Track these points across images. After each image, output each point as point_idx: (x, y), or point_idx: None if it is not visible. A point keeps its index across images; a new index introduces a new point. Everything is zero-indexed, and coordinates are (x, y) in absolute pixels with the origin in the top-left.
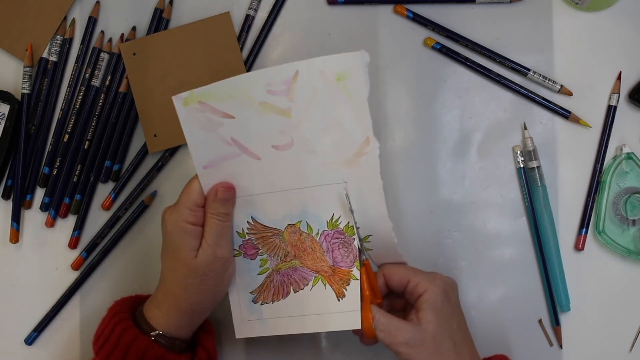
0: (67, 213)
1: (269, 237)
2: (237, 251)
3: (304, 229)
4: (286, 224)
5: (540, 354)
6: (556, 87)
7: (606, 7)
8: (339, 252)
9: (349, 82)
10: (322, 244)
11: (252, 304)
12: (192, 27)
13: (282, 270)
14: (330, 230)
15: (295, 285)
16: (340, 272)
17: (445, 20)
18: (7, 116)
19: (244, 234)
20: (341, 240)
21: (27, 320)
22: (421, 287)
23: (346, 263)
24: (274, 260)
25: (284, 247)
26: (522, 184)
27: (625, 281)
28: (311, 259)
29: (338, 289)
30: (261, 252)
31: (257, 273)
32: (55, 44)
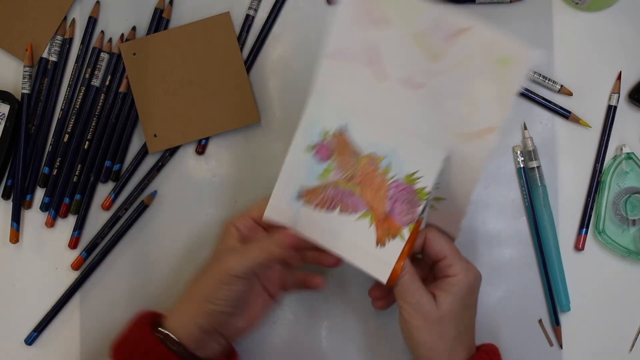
0: (67, 213)
1: (347, 153)
2: (310, 146)
3: (383, 166)
4: (369, 151)
5: (540, 354)
6: (556, 87)
7: (606, 7)
8: (401, 206)
9: (508, 69)
10: (390, 190)
11: (295, 198)
12: (192, 27)
13: (340, 188)
14: (404, 183)
15: (344, 207)
16: (391, 222)
17: None
18: (7, 116)
19: (327, 135)
20: (409, 197)
21: (27, 320)
22: (453, 270)
23: (401, 219)
24: (338, 174)
25: (355, 170)
26: (522, 184)
27: (625, 281)
28: (372, 194)
29: (381, 236)
30: (332, 161)
31: (316, 176)
32: (55, 44)
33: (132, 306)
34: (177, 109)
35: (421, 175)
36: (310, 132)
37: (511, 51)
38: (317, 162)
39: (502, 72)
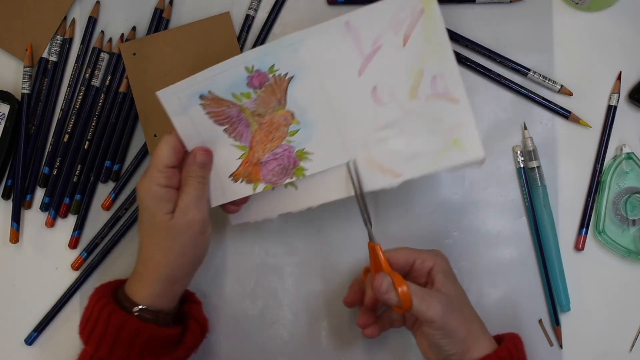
0: (67, 213)
1: (274, 96)
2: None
3: (292, 128)
4: (293, 109)
5: (540, 354)
6: (556, 87)
7: (606, 7)
8: (274, 166)
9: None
10: (279, 148)
11: (197, 96)
12: (192, 27)
13: (242, 115)
14: (294, 154)
15: (231, 129)
16: (257, 171)
17: (445, 20)
18: (7, 116)
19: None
20: (287, 166)
21: (27, 320)
22: (429, 261)
23: (266, 175)
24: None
25: (268, 112)
26: (522, 184)
27: (625, 281)
28: (262, 139)
29: (240, 172)
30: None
31: (232, 92)
32: (55, 44)
33: None
34: None
35: (313, 159)
36: (261, 60)
37: (469, 142)
38: (244, 83)
39: (450, 149)
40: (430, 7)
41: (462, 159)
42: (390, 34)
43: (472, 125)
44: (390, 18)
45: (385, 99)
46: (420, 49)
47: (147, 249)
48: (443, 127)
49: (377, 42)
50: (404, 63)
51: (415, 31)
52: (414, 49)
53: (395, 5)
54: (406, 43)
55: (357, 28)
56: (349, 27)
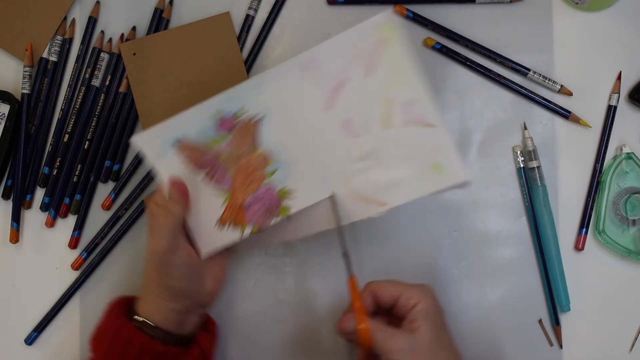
0: (67, 213)
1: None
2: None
3: (269, 169)
4: (267, 149)
5: (540, 354)
6: (556, 87)
7: (606, 7)
8: (258, 208)
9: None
10: (260, 189)
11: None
12: (192, 27)
13: (219, 159)
14: (276, 194)
15: (210, 175)
16: (242, 214)
17: (445, 20)
18: (7, 116)
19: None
20: (271, 206)
21: (27, 320)
22: (414, 298)
23: (251, 217)
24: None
25: (243, 155)
26: (522, 184)
27: (625, 281)
28: (242, 181)
29: (225, 218)
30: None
31: (204, 138)
32: (55, 44)
33: None
34: (177, 109)
35: (295, 196)
36: (228, 104)
37: (450, 166)
38: (214, 128)
39: (431, 174)
40: (393, 35)
41: (445, 183)
42: (354, 67)
43: (451, 148)
44: (350, 51)
45: (358, 131)
46: (387, 78)
47: (146, 266)
48: (421, 153)
49: (340, 75)
50: (373, 93)
51: (379, 60)
52: (381, 78)
53: (354, 38)
54: (372, 73)
55: (316, 65)
56: (305, 66)
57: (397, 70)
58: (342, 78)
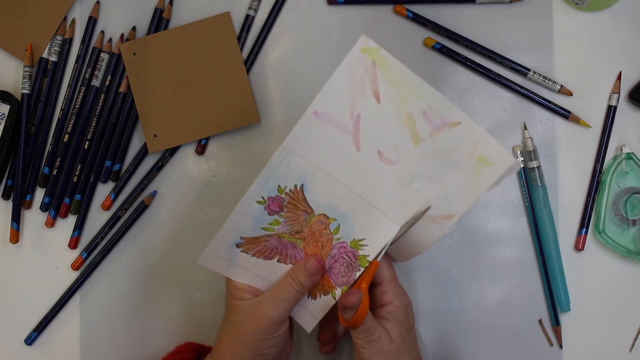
0: (67, 213)
1: (299, 209)
2: (263, 200)
3: (332, 227)
4: (322, 212)
5: (540, 354)
6: (556, 87)
7: (606, 7)
8: (340, 267)
9: (486, 168)
10: (334, 250)
11: (234, 246)
12: (192, 27)
13: (284, 240)
14: (349, 246)
15: (283, 257)
16: (327, 280)
17: (445, 20)
18: (7, 116)
19: (282, 191)
20: (350, 261)
21: (27, 320)
22: (388, 297)
23: (337, 279)
24: (285, 228)
25: (303, 226)
26: (522, 184)
27: (625, 281)
28: (315, 249)
29: (313, 290)
30: (281, 214)
31: (261, 226)
32: (55, 44)
33: (132, 306)
34: (177, 109)
35: (367, 243)
36: (266, 186)
37: (494, 154)
38: (265, 214)
39: (480, 169)
40: (378, 56)
41: (497, 172)
42: (360, 99)
43: (486, 137)
44: (349, 85)
45: (394, 158)
46: (395, 97)
47: (220, 330)
48: (462, 153)
49: (353, 112)
50: (389, 117)
51: (379, 83)
52: (390, 100)
53: (347, 72)
54: (379, 99)
55: (327, 111)
56: (318, 115)
57: (399, 85)
58: (355, 114)
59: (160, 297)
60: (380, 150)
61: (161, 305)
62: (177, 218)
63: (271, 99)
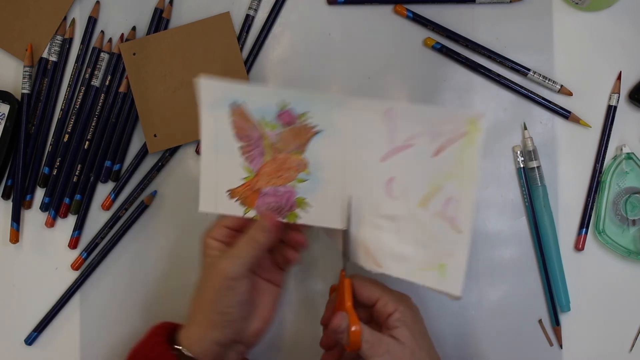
0: (67, 213)
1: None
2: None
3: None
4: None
5: (540, 354)
6: (556, 87)
7: (606, 7)
8: (270, 201)
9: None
10: (281, 187)
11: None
12: (192, 27)
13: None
14: (294, 199)
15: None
16: (253, 197)
17: (445, 20)
18: (7, 116)
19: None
20: (283, 206)
21: (27, 320)
22: (391, 306)
23: (260, 206)
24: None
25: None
26: (522, 184)
27: (625, 281)
28: (270, 172)
29: (237, 192)
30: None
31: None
32: (55, 44)
33: (132, 306)
34: (177, 109)
35: (309, 211)
36: (297, 102)
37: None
38: (274, 114)
39: (432, 269)
40: (474, 133)
41: (439, 285)
42: (426, 139)
43: (463, 260)
44: (432, 125)
45: (396, 194)
46: (448, 166)
47: (202, 290)
48: (435, 248)
49: (410, 140)
50: (428, 171)
51: (450, 148)
52: (443, 164)
53: (442, 117)
54: (438, 154)
55: (397, 119)
56: (389, 114)
57: (461, 165)
58: (410, 143)
59: (161, 297)
60: (394, 178)
61: (161, 305)
62: (177, 218)
63: None
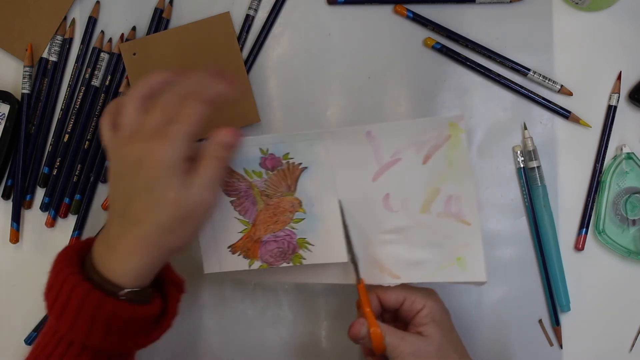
0: (67, 213)
1: (285, 182)
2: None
3: (297, 216)
4: (301, 198)
5: (540, 354)
6: (556, 87)
7: (606, 7)
8: (273, 248)
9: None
10: (281, 232)
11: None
12: (192, 27)
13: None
14: (295, 241)
15: (237, 203)
16: (255, 248)
17: (445, 20)
18: (7, 116)
19: (286, 159)
20: (285, 250)
21: (27, 320)
22: (419, 303)
23: (263, 255)
24: (261, 185)
25: (276, 195)
26: (522, 184)
27: (625, 281)
28: (267, 219)
29: (239, 246)
30: (268, 173)
31: (245, 167)
32: (55, 44)
33: None
34: None
35: (312, 251)
36: (278, 145)
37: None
38: (257, 162)
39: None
40: (457, 135)
41: (463, 278)
42: (412, 151)
43: (479, 248)
44: (414, 136)
45: (396, 207)
46: (439, 171)
47: (144, 225)
48: (449, 244)
49: (396, 154)
50: (421, 179)
51: (437, 153)
52: (434, 169)
53: (422, 127)
54: (426, 162)
55: (378, 138)
56: (370, 136)
57: (452, 166)
58: (397, 157)
59: None
60: (389, 194)
61: None
62: None
63: (271, 99)
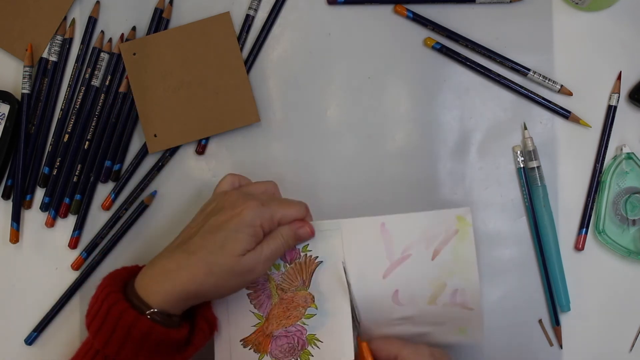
0: (67, 213)
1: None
2: None
3: (309, 311)
4: (313, 293)
5: (540, 354)
6: (556, 87)
7: (606, 7)
8: (284, 343)
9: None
10: (292, 327)
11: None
12: (192, 27)
13: (267, 284)
14: (305, 336)
15: (254, 295)
16: (265, 343)
17: (445, 20)
18: (7, 116)
19: (305, 250)
20: (295, 346)
21: (27, 320)
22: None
23: (273, 349)
24: (278, 278)
25: (290, 290)
26: (522, 184)
27: (625, 281)
28: (280, 314)
29: (251, 340)
30: (286, 265)
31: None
32: (55, 44)
33: None
34: (177, 109)
35: (321, 347)
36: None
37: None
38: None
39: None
40: (464, 229)
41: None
42: (421, 247)
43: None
44: (424, 231)
45: (404, 302)
46: (447, 265)
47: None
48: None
49: (406, 250)
50: (429, 276)
51: (445, 248)
52: (442, 265)
53: (432, 221)
54: (435, 258)
55: (391, 232)
56: (384, 229)
57: (458, 260)
58: (407, 254)
59: None
60: (398, 290)
61: None
62: (177, 218)
63: (271, 99)
